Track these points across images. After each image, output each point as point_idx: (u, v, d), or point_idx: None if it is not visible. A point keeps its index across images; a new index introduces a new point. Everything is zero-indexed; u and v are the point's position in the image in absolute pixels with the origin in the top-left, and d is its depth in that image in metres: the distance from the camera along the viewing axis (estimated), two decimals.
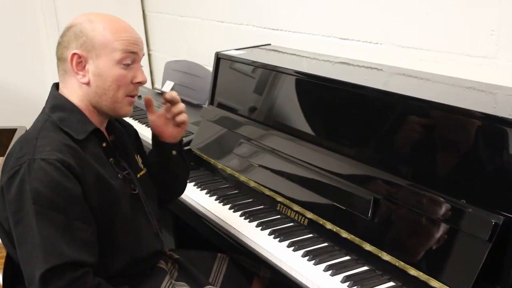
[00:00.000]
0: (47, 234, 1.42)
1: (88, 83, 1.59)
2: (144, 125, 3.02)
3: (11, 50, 3.85)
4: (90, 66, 1.58)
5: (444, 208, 1.48)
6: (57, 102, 1.62)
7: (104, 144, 1.65)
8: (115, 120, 1.80)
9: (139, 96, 3.39)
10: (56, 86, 1.67)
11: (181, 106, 1.86)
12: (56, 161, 1.46)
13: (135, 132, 1.92)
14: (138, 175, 1.77)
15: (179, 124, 1.86)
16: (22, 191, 1.45)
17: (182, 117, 1.86)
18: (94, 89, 1.59)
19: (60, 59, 1.63)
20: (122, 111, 1.63)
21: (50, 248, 1.42)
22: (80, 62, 1.58)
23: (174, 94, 1.86)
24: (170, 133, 1.87)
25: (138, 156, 1.83)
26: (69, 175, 1.47)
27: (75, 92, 1.61)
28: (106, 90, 1.59)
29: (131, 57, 1.60)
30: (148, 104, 1.87)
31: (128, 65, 1.59)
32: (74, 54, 1.58)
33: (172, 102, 1.84)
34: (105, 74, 1.58)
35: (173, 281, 1.76)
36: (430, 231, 1.51)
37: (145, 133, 2.88)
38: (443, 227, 1.47)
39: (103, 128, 1.68)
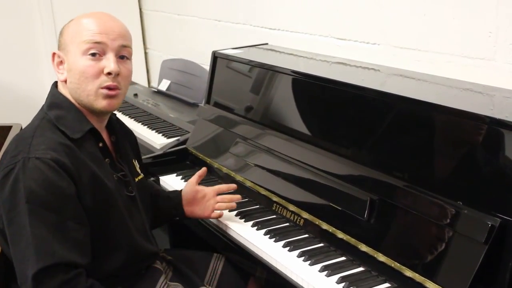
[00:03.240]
0: (39, 234, 1.41)
1: (65, 80, 1.61)
2: (140, 123, 3.01)
3: (6, 48, 3.84)
4: (65, 63, 1.60)
5: (440, 210, 1.47)
6: (55, 100, 1.62)
7: (100, 144, 1.64)
8: (118, 123, 1.81)
9: (136, 95, 3.40)
10: (56, 84, 1.67)
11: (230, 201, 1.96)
12: (51, 160, 1.45)
13: (135, 139, 1.92)
14: (136, 179, 1.77)
15: (210, 209, 1.93)
16: (16, 189, 1.44)
17: (222, 206, 1.93)
18: (69, 85, 1.60)
19: None
20: (98, 104, 1.59)
21: (43, 248, 1.41)
22: (61, 61, 1.61)
23: (234, 186, 1.98)
24: (196, 211, 1.94)
25: (136, 162, 1.83)
26: (63, 175, 1.46)
27: (64, 91, 1.63)
28: (77, 83, 1.58)
29: (97, 47, 1.57)
30: (201, 175, 1.97)
31: (94, 54, 1.56)
32: (54, 54, 1.62)
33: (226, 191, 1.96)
34: (73, 68, 1.58)
35: (168, 282, 1.75)
36: (426, 232, 1.50)
37: (139, 131, 2.88)
38: (439, 229, 1.47)
39: (101, 128, 1.67)
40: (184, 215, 1.95)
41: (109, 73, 1.57)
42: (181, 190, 1.97)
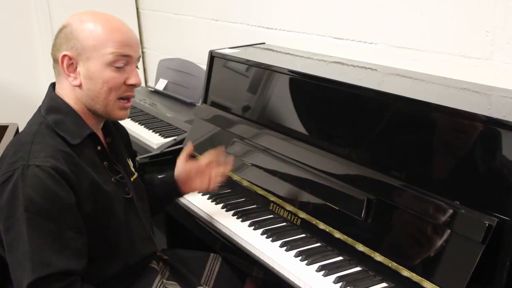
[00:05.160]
0: (36, 243, 1.40)
1: (80, 86, 1.57)
2: (137, 123, 3.01)
3: (2, 47, 3.83)
4: (81, 68, 1.56)
5: (437, 209, 1.47)
6: (53, 104, 1.59)
7: (98, 147, 1.63)
8: (111, 122, 1.80)
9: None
10: (53, 86, 1.65)
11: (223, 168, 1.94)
12: (51, 168, 1.44)
13: (127, 136, 1.91)
14: (132, 179, 1.76)
15: (207, 181, 1.93)
16: (15, 197, 1.43)
17: (220, 171, 1.93)
18: (86, 92, 1.57)
19: (54, 60, 1.61)
20: (116, 114, 1.61)
21: (39, 257, 1.40)
22: (71, 64, 1.56)
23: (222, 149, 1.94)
24: (195, 186, 1.95)
25: (130, 160, 1.82)
26: (63, 183, 1.45)
27: (69, 94, 1.60)
28: (98, 93, 1.56)
29: (123, 60, 1.56)
30: (188, 152, 1.94)
31: (120, 68, 1.56)
32: (65, 56, 1.56)
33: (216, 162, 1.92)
34: (95, 77, 1.55)
35: (164, 281, 1.75)
36: (423, 232, 1.50)
37: (136, 130, 2.87)
38: (436, 228, 1.47)
39: (99, 131, 1.66)
40: (183, 194, 1.98)
41: (132, 85, 1.59)
42: (173, 172, 1.96)
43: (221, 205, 2.04)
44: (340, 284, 1.54)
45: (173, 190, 1.95)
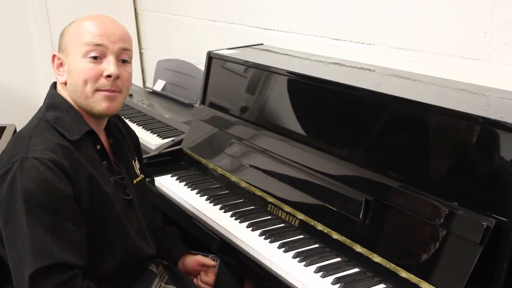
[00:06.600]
0: (37, 234, 1.41)
1: (65, 83, 1.60)
2: (135, 124, 3.01)
3: (1, 48, 3.82)
4: (65, 65, 1.59)
5: (435, 211, 1.47)
6: (53, 101, 1.61)
7: (98, 147, 1.63)
8: (121, 122, 1.80)
9: (130, 95, 3.39)
10: (54, 85, 1.66)
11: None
12: (49, 160, 1.45)
13: (136, 139, 1.91)
14: (134, 181, 1.76)
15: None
16: (13, 189, 1.43)
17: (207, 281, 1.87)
18: (69, 88, 1.59)
19: None
20: (99, 107, 1.58)
21: (40, 248, 1.40)
22: (60, 64, 1.60)
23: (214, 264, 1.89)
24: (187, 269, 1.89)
25: (136, 162, 1.82)
26: (61, 176, 1.46)
27: (63, 92, 1.62)
28: (75, 86, 1.57)
29: (97, 50, 1.55)
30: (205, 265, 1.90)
31: (95, 57, 1.55)
32: (54, 56, 1.61)
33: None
34: (73, 70, 1.57)
35: (162, 284, 1.74)
36: (421, 233, 1.50)
37: (139, 134, 2.83)
38: (434, 230, 1.47)
39: (100, 130, 1.66)
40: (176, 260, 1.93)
41: (108, 76, 1.55)
42: (183, 254, 1.92)
43: (219, 206, 2.03)
44: (338, 285, 1.54)
45: (171, 260, 1.90)
